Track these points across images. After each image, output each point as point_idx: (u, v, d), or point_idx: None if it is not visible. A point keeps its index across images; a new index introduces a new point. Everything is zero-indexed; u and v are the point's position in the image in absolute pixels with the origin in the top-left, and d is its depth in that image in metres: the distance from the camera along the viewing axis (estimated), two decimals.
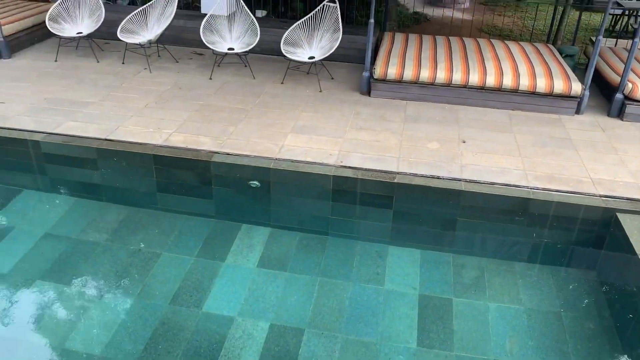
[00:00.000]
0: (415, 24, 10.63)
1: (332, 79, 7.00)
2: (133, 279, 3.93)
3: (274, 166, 4.89)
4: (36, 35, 7.84)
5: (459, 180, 4.74)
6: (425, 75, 6.29)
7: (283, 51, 6.67)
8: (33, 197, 4.96)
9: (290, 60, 6.69)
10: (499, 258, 4.39)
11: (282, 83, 6.84)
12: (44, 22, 7.36)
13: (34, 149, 5.28)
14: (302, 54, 6.80)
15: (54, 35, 7.29)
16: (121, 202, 4.98)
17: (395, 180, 4.72)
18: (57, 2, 7.36)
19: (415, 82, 6.35)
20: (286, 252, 4.29)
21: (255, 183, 4.93)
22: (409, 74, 6.32)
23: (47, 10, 7.57)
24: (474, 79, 6.22)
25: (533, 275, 4.17)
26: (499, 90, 6.25)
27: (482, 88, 6.26)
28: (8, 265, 4.00)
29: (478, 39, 7.41)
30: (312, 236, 4.52)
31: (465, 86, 6.27)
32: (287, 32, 6.81)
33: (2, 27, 7.14)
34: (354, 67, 7.43)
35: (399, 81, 6.38)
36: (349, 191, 4.85)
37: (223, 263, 4.12)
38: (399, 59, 6.56)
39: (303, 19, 6.96)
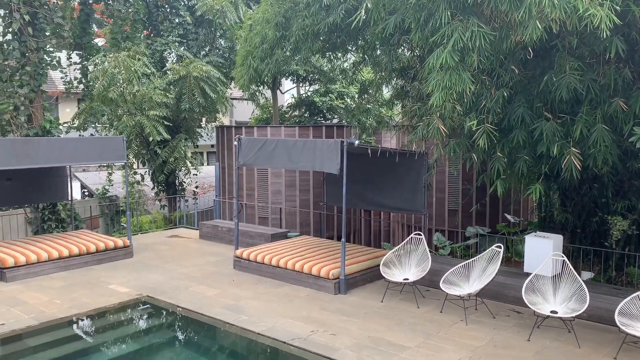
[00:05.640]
0: None
1: None
2: None
3: None
4: (369, 276, 8.91)
5: None
6: None
7: (617, 322, 5.95)
8: None
9: (628, 334, 5.89)
10: None
11: (614, 358, 5.97)
12: (378, 265, 8.39)
13: None
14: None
15: (383, 278, 8.15)
16: None
17: None
18: (392, 251, 8.39)
19: None
20: None
21: None
22: None
23: (381, 256, 8.69)
24: None
25: None
26: None
27: None
28: None
29: None
30: None
31: None
32: (622, 302, 6.14)
33: (345, 267, 8.39)
34: None
35: None
36: None
37: None
38: None
39: None
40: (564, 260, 6.92)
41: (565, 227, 9.51)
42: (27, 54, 12.42)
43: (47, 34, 13.21)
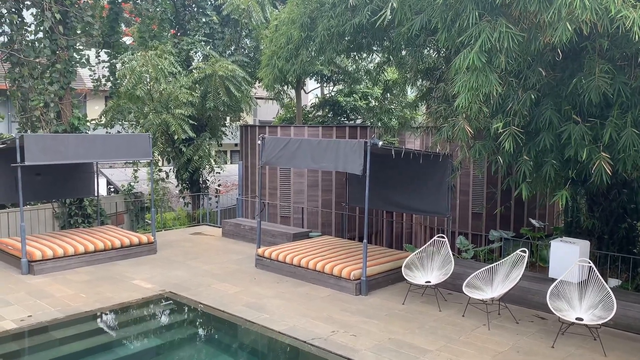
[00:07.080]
0: None
1: None
2: None
3: None
4: (390, 278, 8.86)
5: None
6: None
7: None
8: None
9: None
10: None
11: None
12: (400, 268, 8.34)
13: None
14: None
15: (405, 280, 8.10)
16: None
17: None
18: (414, 253, 8.33)
19: None
20: None
21: None
22: None
23: (403, 258, 8.63)
24: None
25: None
26: None
27: None
28: None
29: None
30: None
31: None
32: None
33: (367, 268, 8.36)
34: None
35: None
36: None
37: None
38: None
39: None
40: (590, 266, 6.78)
41: (592, 232, 9.32)
42: (57, 52, 12.67)
43: (78, 32, 13.46)
